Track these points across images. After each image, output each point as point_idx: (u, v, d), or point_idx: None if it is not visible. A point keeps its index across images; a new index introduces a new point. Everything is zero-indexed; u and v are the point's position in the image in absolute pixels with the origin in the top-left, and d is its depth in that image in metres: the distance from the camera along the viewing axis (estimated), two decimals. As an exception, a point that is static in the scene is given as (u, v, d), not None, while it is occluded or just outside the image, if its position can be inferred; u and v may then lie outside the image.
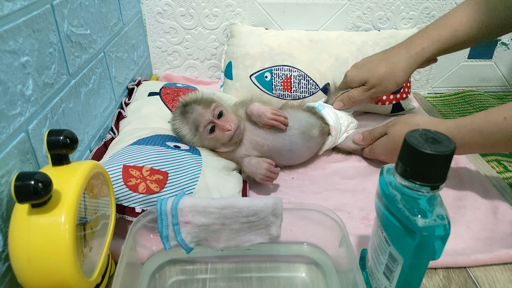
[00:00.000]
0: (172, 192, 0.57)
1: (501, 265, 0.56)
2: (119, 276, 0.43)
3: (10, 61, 0.44)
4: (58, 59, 0.55)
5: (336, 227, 0.51)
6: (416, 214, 0.38)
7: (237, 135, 0.67)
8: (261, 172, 0.65)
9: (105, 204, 0.50)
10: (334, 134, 0.75)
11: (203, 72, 1.09)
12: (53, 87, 0.54)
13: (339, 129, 0.76)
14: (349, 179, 0.73)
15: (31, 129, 0.48)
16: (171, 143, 0.67)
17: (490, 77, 1.14)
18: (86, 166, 0.43)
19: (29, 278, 0.38)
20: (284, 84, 0.90)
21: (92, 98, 0.68)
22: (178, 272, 0.55)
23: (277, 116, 0.69)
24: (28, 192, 0.35)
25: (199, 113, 0.66)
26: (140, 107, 0.79)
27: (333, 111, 0.77)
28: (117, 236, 0.56)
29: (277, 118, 0.69)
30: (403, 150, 0.38)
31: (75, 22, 0.61)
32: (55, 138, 0.41)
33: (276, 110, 0.70)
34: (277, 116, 0.69)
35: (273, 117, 0.68)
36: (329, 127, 0.75)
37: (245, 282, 0.53)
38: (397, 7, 1.01)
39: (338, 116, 0.77)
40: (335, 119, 0.76)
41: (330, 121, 0.75)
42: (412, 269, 0.41)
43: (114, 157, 0.60)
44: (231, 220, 0.49)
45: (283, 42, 0.92)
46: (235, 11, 1.00)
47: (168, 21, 1.00)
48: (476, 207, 0.65)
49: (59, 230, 0.38)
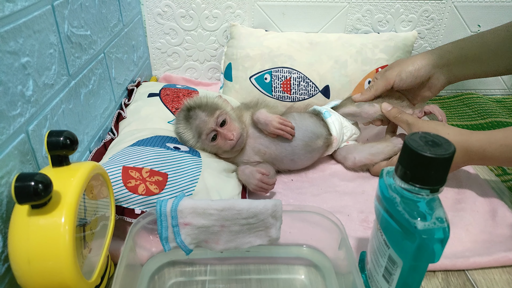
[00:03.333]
0: (172, 194, 0.57)
1: (500, 268, 0.56)
2: (119, 277, 0.43)
3: (10, 61, 0.44)
4: (58, 60, 0.55)
5: (335, 229, 0.51)
6: (415, 217, 0.38)
7: (239, 144, 0.67)
8: (253, 182, 0.65)
9: (105, 205, 0.50)
10: (335, 145, 0.75)
11: (202, 73, 1.09)
12: (53, 88, 0.54)
13: (341, 139, 0.76)
14: (348, 182, 0.73)
15: (31, 130, 0.48)
16: (171, 144, 0.67)
17: (489, 80, 1.14)
18: (86, 167, 0.43)
19: (28, 279, 0.38)
20: (284, 86, 0.91)
21: (92, 99, 0.68)
22: (177, 273, 0.55)
23: (284, 126, 0.68)
24: (28, 193, 0.35)
25: (202, 120, 0.65)
26: (140, 108, 0.79)
27: (339, 120, 0.76)
28: (117, 238, 0.56)
29: (284, 128, 0.68)
30: (403, 153, 0.38)
31: (76, 23, 0.61)
32: (55, 139, 0.41)
33: (283, 119, 0.69)
34: (283, 126, 0.68)
35: (280, 126, 0.68)
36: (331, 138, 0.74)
37: (244, 284, 0.53)
38: (397, 10, 1.01)
39: (342, 126, 0.76)
40: (339, 130, 0.75)
41: (334, 132, 0.74)
42: (411, 272, 0.41)
43: (114, 158, 0.60)
44: (230, 222, 0.49)
45: (282, 44, 0.92)
46: (235, 13, 1.00)
47: (168, 22, 1.00)
48: (475, 210, 0.66)
49: (59, 231, 0.38)
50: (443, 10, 1.02)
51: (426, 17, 1.03)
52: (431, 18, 1.03)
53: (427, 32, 1.05)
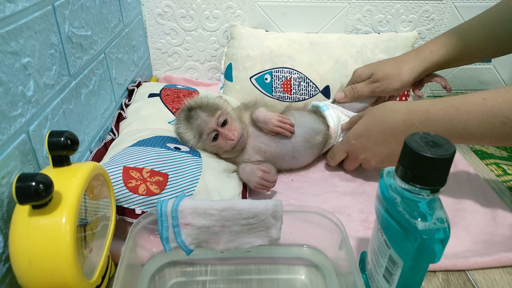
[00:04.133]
0: (172, 194, 0.57)
1: (500, 268, 0.56)
2: (119, 277, 0.43)
3: (11, 62, 0.44)
4: (59, 60, 0.55)
5: (336, 230, 0.51)
6: (416, 217, 0.38)
7: (240, 144, 0.67)
8: (254, 180, 0.65)
9: (105, 205, 0.50)
10: (334, 137, 0.75)
11: (203, 73, 1.09)
12: (54, 88, 0.54)
13: (339, 132, 0.77)
14: (349, 182, 0.73)
15: (32, 130, 0.48)
16: (172, 144, 0.67)
17: (489, 81, 1.14)
18: (87, 167, 0.43)
19: (29, 279, 0.38)
20: (284, 86, 0.91)
21: (92, 99, 0.68)
22: (178, 274, 0.55)
23: (283, 124, 0.68)
24: (29, 193, 0.35)
25: (203, 120, 0.66)
26: (140, 108, 0.79)
27: (336, 113, 0.77)
28: (117, 238, 0.56)
29: (283, 125, 0.68)
30: (403, 153, 0.38)
31: (76, 23, 0.61)
32: (56, 139, 0.41)
33: (283, 117, 0.69)
34: (283, 123, 0.68)
35: (279, 124, 0.68)
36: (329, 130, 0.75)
37: (245, 284, 0.53)
38: (397, 10, 1.01)
39: (340, 119, 0.77)
40: (336, 122, 0.75)
41: (331, 123, 0.75)
42: (412, 272, 0.41)
43: (114, 158, 0.60)
44: (231, 222, 0.49)
45: (283, 44, 0.92)
46: (235, 13, 1.00)
47: (169, 22, 1.00)
48: (475, 210, 0.66)
49: (60, 231, 0.38)
50: (444, 10, 1.02)
51: (426, 17, 1.03)
52: (432, 19, 1.03)
53: (427, 33, 1.05)
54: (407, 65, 0.74)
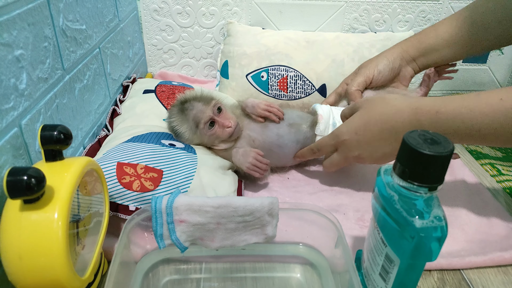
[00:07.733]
0: (167, 190, 0.56)
1: (495, 268, 0.56)
2: (112, 274, 0.43)
3: (4, 54, 0.43)
4: (53, 53, 0.55)
5: (332, 228, 0.51)
6: (413, 215, 0.37)
7: (237, 132, 0.68)
8: (248, 160, 0.65)
9: (99, 201, 0.49)
10: (322, 122, 0.72)
11: (198, 70, 1.08)
12: (47, 82, 0.53)
13: (330, 122, 0.73)
14: (345, 180, 0.73)
15: (24, 124, 0.47)
16: (166, 141, 0.66)
17: (484, 82, 1.15)
18: (80, 162, 0.42)
19: (20, 275, 0.37)
20: (280, 84, 0.90)
21: (86, 94, 0.67)
22: (172, 271, 0.54)
23: (270, 107, 0.70)
24: (20, 187, 0.35)
25: (199, 109, 0.66)
26: (135, 105, 0.78)
27: (328, 107, 0.76)
28: (111, 234, 0.55)
29: (270, 109, 0.70)
30: (401, 150, 0.38)
31: (71, 17, 0.60)
32: (49, 133, 0.40)
33: (270, 103, 0.71)
34: (270, 107, 0.70)
35: (266, 108, 0.70)
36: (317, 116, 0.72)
37: (240, 282, 0.53)
38: (394, 10, 1.01)
39: (332, 112, 0.74)
40: (326, 111, 0.73)
41: (319, 111, 0.73)
42: (408, 270, 0.40)
43: (108, 154, 0.60)
44: (226, 220, 0.49)
45: (279, 42, 0.92)
46: (232, 10, 0.99)
47: (164, 18, 0.99)
48: (470, 210, 0.66)
49: (52, 227, 0.37)
50: (440, 11, 1.03)
51: (423, 17, 1.03)
52: (428, 19, 1.03)
53: (423, 33, 1.05)
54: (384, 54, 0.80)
